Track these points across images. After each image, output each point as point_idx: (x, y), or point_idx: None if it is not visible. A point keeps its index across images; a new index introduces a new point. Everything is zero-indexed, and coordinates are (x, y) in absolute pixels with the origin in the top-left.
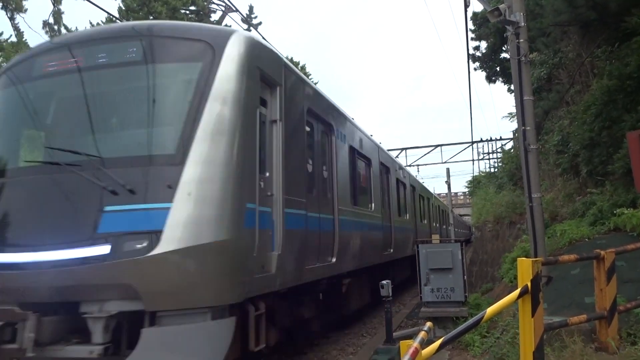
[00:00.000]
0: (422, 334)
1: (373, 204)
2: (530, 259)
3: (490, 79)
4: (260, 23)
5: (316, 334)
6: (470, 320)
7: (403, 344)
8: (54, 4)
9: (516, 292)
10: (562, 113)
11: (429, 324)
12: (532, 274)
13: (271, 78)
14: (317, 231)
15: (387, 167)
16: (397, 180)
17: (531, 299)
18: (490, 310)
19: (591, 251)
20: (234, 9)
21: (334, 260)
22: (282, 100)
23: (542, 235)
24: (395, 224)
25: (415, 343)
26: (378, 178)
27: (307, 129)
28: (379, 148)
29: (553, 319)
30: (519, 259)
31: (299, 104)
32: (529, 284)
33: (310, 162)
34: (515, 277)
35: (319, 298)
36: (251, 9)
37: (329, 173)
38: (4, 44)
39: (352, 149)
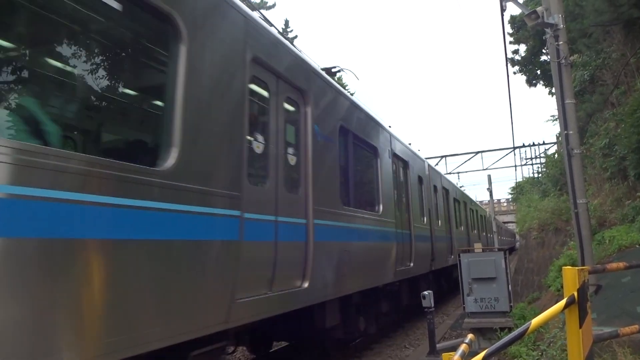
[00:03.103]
0: (463, 347)
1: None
2: (576, 268)
3: (530, 82)
4: (296, 37)
5: (359, 347)
6: (515, 332)
7: (445, 356)
8: None
9: (562, 303)
10: (607, 115)
11: (470, 336)
12: (578, 283)
13: None
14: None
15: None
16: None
17: (578, 310)
18: (535, 321)
19: None
20: (270, 23)
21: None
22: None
23: (589, 242)
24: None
25: (456, 356)
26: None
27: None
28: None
29: (603, 330)
30: (563, 267)
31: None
32: (576, 294)
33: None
34: (563, 286)
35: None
36: (287, 23)
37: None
38: None
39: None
